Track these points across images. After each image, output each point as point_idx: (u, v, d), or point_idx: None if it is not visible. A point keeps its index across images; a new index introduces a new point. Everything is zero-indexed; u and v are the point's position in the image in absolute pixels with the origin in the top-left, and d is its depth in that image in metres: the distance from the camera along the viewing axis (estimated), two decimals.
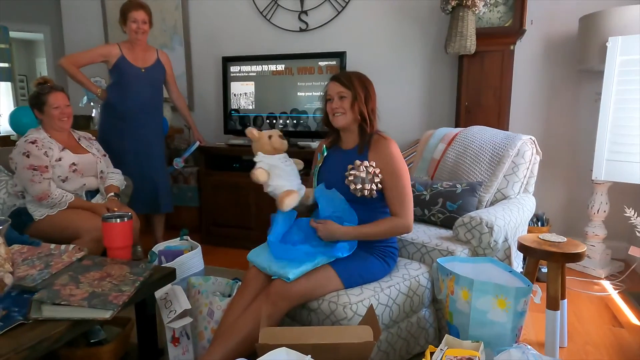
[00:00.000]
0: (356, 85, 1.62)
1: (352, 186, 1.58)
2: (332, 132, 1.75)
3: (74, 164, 2.15)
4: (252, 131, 1.72)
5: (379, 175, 1.59)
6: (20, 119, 3.15)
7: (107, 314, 1.17)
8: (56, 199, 2.07)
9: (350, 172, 1.59)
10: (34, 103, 2.15)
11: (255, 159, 1.69)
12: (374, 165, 1.60)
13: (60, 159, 2.12)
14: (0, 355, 0.99)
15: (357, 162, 1.60)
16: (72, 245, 1.61)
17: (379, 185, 1.60)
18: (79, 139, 2.31)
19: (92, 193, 2.28)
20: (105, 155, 2.38)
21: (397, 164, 1.62)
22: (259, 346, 1.17)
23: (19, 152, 2.07)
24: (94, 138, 2.42)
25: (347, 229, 1.57)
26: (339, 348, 1.17)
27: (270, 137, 1.68)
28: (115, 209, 2.09)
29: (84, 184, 2.21)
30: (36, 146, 2.06)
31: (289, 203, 1.60)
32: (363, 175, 1.58)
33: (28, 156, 2.04)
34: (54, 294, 1.18)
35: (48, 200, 2.05)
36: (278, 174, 1.65)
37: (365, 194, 1.58)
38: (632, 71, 2.35)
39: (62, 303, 1.16)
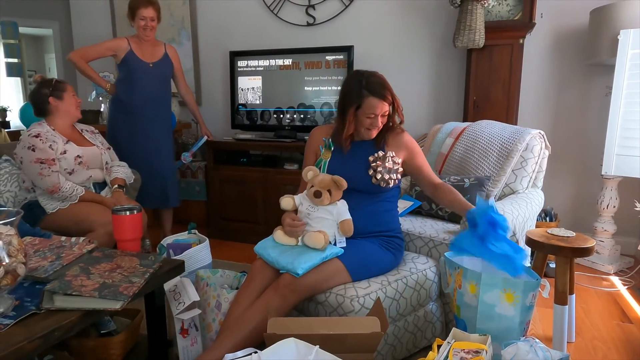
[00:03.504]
0: (394, 97, 1.64)
1: (379, 176, 1.61)
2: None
3: (79, 156, 2.15)
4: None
5: (400, 164, 1.67)
6: (31, 113, 3.18)
7: (117, 305, 1.18)
8: (67, 192, 2.08)
9: (377, 162, 1.63)
10: (52, 91, 2.13)
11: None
12: (393, 153, 1.67)
13: (65, 152, 2.11)
14: (14, 344, 1.00)
15: (381, 153, 1.65)
16: (82, 238, 1.63)
17: (400, 175, 1.67)
18: (82, 132, 2.30)
19: (100, 186, 2.29)
20: (109, 148, 2.38)
21: (418, 147, 1.76)
22: (267, 336, 1.18)
23: (23, 147, 2.05)
24: (97, 131, 2.41)
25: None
26: (347, 338, 1.17)
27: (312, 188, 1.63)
28: (123, 204, 2.11)
29: (90, 176, 2.21)
30: (40, 140, 2.05)
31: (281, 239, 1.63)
32: (390, 165, 1.63)
33: (33, 150, 2.03)
34: (66, 285, 1.20)
35: (59, 194, 2.06)
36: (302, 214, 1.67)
37: (390, 183, 1.64)
38: None
39: (74, 293, 1.17)
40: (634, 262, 2.69)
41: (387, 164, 1.62)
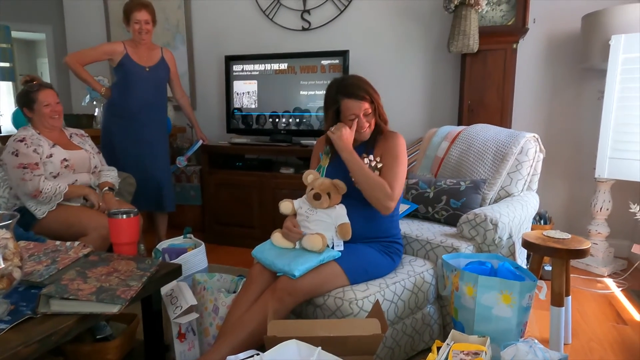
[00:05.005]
0: (372, 95, 1.62)
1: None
2: None
3: (65, 159, 2.12)
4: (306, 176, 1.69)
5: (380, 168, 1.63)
6: (22, 118, 3.15)
7: (115, 309, 1.17)
8: (50, 192, 2.02)
9: None
10: (23, 101, 2.12)
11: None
12: (378, 160, 1.64)
13: (51, 155, 2.08)
14: (9, 349, 0.99)
15: (363, 155, 1.63)
16: (77, 242, 1.61)
17: None
18: (71, 136, 2.27)
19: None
20: (99, 153, 2.35)
21: (400, 151, 1.65)
22: (268, 339, 1.17)
23: (8, 152, 2.03)
24: (87, 135, 2.38)
25: (354, 153, 1.59)
26: (347, 341, 1.17)
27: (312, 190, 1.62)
28: (113, 206, 2.09)
29: (76, 180, 2.17)
30: (25, 144, 2.02)
31: (279, 240, 1.63)
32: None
33: (17, 155, 2.00)
34: (62, 289, 1.19)
35: (42, 197, 2.02)
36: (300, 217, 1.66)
37: None
38: (634, 69, 2.36)
39: (70, 297, 1.16)
40: (627, 264, 2.72)
41: None
